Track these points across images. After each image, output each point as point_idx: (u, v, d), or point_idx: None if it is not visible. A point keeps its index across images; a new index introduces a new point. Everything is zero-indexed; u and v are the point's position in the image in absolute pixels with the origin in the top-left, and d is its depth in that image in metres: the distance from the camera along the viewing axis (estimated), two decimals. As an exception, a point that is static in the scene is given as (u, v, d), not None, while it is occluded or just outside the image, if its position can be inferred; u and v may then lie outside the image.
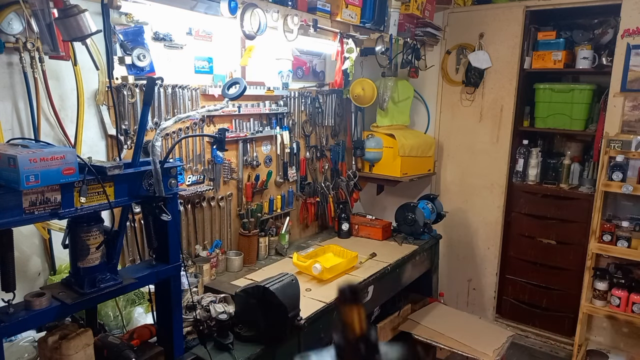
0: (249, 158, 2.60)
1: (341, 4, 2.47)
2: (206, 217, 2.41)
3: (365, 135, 3.36)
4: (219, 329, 1.79)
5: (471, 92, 3.50)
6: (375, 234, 3.07)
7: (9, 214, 1.14)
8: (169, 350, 1.61)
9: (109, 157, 1.99)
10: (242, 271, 2.46)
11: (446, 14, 3.53)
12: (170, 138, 2.17)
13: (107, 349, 1.49)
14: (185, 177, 2.27)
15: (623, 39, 2.92)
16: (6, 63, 1.65)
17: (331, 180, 3.24)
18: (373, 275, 2.47)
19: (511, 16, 3.30)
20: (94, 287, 1.36)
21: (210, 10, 1.91)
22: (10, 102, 1.68)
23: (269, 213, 2.74)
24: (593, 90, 3.22)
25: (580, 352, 3.12)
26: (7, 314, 1.22)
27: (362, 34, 2.74)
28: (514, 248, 3.56)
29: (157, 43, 2.10)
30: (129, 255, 2.08)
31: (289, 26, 2.19)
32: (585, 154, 3.41)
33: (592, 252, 2.96)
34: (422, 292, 3.22)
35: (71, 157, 1.19)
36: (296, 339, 1.90)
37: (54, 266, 1.85)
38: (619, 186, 2.81)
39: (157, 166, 1.42)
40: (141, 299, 1.90)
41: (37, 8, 1.49)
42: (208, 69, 2.35)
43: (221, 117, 2.42)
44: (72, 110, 1.84)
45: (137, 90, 2.00)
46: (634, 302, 2.85)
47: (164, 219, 1.44)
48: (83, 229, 1.34)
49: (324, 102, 3.09)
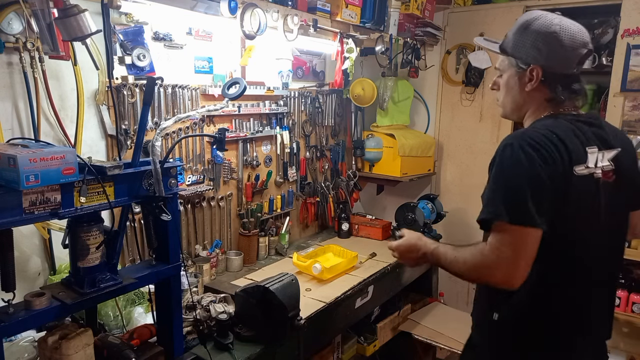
0: (249, 158, 2.60)
1: (341, 3, 2.47)
2: (206, 217, 2.41)
3: (365, 135, 3.36)
4: (219, 329, 1.79)
5: (471, 92, 3.49)
6: (375, 233, 3.07)
7: (9, 214, 1.13)
8: (169, 350, 1.61)
9: (109, 157, 1.99)
10: (242, 271, 2.46)
11: (446, 14, 3.53)
12: (170, 138, 2.17)
13: (107, 349, 1.49)
14: (185, 177, 2.27)
15: (623, 39, 2.92)
16: (6, 63, 1.65)
17: (331, 180, 3.24)
18: (373, 275, 2.47)
19: (511, 16, 3.29)
20: (94, 287, 1.36)
21: (210, 10, 1.91)
22: (10, 102, 1.68)
23: (269, 213, 2.74)
24: (593, 90, 3.22)
25: (580, 352, 3.12)
26: (7, 314, 1.22)
27: (362, 34, 2.74)
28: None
29: (157, 43, 2.10)
30: (129, 255, 2.08)
31: (289, 26, 2.19)
32: (585, 154, 3.41)
33: (592, 252, 2.95)
34: (422, 292, 3.22)
35: (71, 157, 1.19)
36: (296, 339, 1.90)
37: (54, 266, 1.85)
38: (619, 186, 2.81)
39: (157, 166, 1.42)
40: (141, 298, 1.90)
41: (37, 8, 1.49)
42: (208, 69, 2.35)
43: (221, 117, 2.42)
44: (72, 110, 1.84)
45: (137, 90, 2.00)
46: (634, 302, 2.85)
47: (164, 219, 1.44)
48: (83, 228, 1.34)
49: (324, 102, 3.09)
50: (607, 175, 1.23)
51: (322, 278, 2.34)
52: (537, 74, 1.28)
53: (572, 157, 1.17)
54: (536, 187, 1.14)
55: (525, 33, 1.29)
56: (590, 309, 1.30)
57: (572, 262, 1.25)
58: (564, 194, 1.17)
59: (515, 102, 1.37)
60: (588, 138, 1.24)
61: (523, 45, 1.29)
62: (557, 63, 1.27)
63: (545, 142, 1.17)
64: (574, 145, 1.20)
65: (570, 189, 1.17)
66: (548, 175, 1.14)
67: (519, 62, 1.31)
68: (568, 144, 1.19)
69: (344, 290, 2.25)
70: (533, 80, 1.29)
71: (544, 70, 1.28)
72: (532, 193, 1.13)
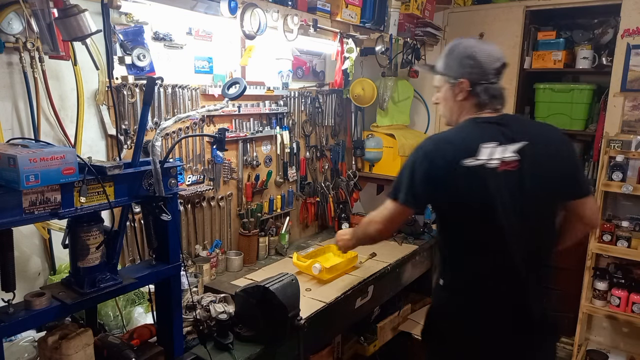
0: (249, 158, 2.60)
1: (341, 3, 2.47)
2: (206, 217, 2.41)
3: (365, 135, 3.36)
4: (219, 329, 1.79)
5: (471, 92, 3.49)
6: (375, 233, 3.07)
7: (9, 214, 1.13)
8: (169, 350, 1.61)
9: (109, 157, 1.99)
10: (242, 271, 2.46)
11: (446, 14, 3.53)
12: (170, 138, 2.17)
13: (107, 348, 1.49)
14: (185, 177, 2.27)
15: (623, 39, 2.92)
16: (6, 63, 1.65)
17: (331, 180, 3.24)
18: (373, 275, 2.47)
19: (511, 16, 3.30)
20: (94, 287, 1.36)
21: (210, 10, 1.91)
22: (10, 102, 1.68)
23: (269, 213, 2.74)
24: (593, 90, 3.22)
25: (580, 352, 3.12)
26: (7, 314, 1.22)
27: (362, 34, 2.74)
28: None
29: (157, 43, 2.10)
30: (129, 255, 2.08)
31: (289, 26, 2.19)
32: (585, 154, 3.41)
33: (592, 252, 2.96)
34: (422, 292, 3.22)
35: (71, 157, 1.19)
36: (296, 339, 1.90)
37: (54, 266, 1.85)
38: (619, 186, 2.81)
39: (157, 166, 1.42)
40: (141, 298, 1.90)
41: (37, 8, 1.49)
42: (208, 69, 2.35)
43: (221, 117, 2.42)
44: (72, 110, 1.84)
45: (137, 90, 2.00)
46: (634, 302, 2.85)
47: (164, 219, 1.44)
48: (83, 228, 1.34)
49: (324, 102, 3.09)
50: (509, 165, 1.50)
51: (322, 278, 2.34)
52: (465, 86, 1.59)
53: (459, 153, 1.50)
54: (411, 178, 1.54)
55: (451, 56, 1.64)
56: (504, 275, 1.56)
57: (479, 234, 1.55)
58: (452, 180, 1.50)
59: (452, 110, 1.68)
60: (490, 136, 1.52)
61: (451, 65, 1.63)
62: (478, 75, 1.58)
63: (433, 147, 1.55)
64: (464, 144, 1.52)
65: (458, 177, 1.49)
66: (425, 169, 1.52)
67: (450, 78, 1.63)
68: (457, 143, 1.53)
69: (344, 290, 2.25)
70: (462, 91, 1.60)
71: (469, 82, 1.58)
72: (408, 181, 1.54)
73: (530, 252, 1.56)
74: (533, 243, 1.56)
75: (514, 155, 1.51)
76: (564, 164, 1.59)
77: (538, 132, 1.61)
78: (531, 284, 1.58)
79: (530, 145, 1.52)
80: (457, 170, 1.49)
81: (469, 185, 1.50)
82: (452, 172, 1.50)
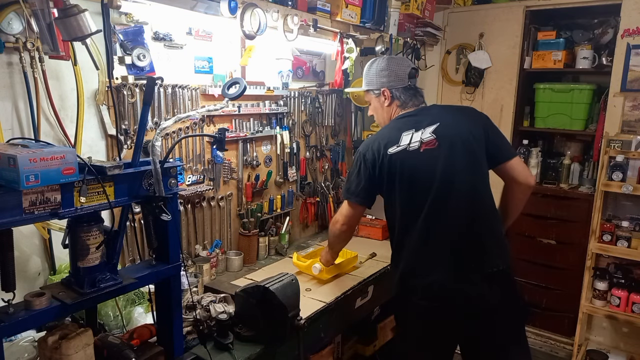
0: (249, 158, 2.60)
1: (341, 3, 2.47)
2: (206, 217, 2.41)
3: (365, 135, 3.36)
4: (219, 329, 1.79)
5: (471, 92, 3.50)
6: (375, 234, 3.07)
7: (9, 214, 1.13)
8: (169, 350, 1.61)
9: (109, 157, 1.99)
10: (242, 271, 2.46)
11: (446, 13, 3.53)
12: (170, 138, 2.17)
13: (107, 348, 1.49)
14: (185, 177, 2.27)
15: (623, 39, 2.92)
16: (6, 63, 1.65)
17: (331, 180, 3.24)
18: (373, 275, 2.47)
19: (511, 16, 3.30)
20: (94, 287, 1.36)
21: (210, 10, 1.91)
22: (10, 102, 1.68)
23: (269, 213, 2.74)
24: (593, 90, 3.23)
25: (580, 352, 3.12)
26: (7, 314, 1.22)
27: (362, 33, 2.74)
28: (514, 248, 3.49)
29: (157, 43, 2.10)
30: (129, 255, 2.08)
31: (289, 26, 2.19)
32: (585, 154, 3.42)
33: (592, 252, 2.96)
34: (422, 292, 3.22)
35: (71, 157, 1.19)
36: (296, 339, 1.90)
37: (54, 266, 1.85)
38: (619, 186, 2.81)
39: (157, 166, 1.42)
40: (141, 298, 1.90)
41: (37, 8, 1.49)
42: (208, 69, 2.35)
43: (221, 117, 2.42)
44: (72, 110, 1.84)
45: (137, 90, 2.00)
46: (634, 302, 2.85)
47: (164, 219, 1.44)
48: (83, 228, 1.34)
49: (324, 102, 3.09)
50: (429, 144, 1.79)
51: (322, 278, 2.34)
52: (387, 93, 1.98)
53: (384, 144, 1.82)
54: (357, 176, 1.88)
55: (370, 73, 2.03)
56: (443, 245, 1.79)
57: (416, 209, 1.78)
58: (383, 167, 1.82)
59: (383, 116, 2.04)
60: (408, 125, 1.84)
61: (372, 80, 2.02)
62: (395, 82, 1.96)
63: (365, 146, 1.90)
64: (388, 136, 1.85)
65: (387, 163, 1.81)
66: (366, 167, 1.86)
67: (374, 90, 2.02)
68: (382, 139, 1.86)
69: (344, 290, 2.25)
70: (386, 98, 1.98)
71: (389, 89, 1.97)
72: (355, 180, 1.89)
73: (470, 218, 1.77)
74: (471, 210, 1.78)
75: (431, 135, 1.80)
76: (478, 133, 1.84)
77: (449, 113, 1.92)
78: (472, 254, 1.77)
79: (442, 125, 1.81)
80: (385, 158, 1.81)
81: (397, 167, 1.80)
82: (381, 160, 1.82)
